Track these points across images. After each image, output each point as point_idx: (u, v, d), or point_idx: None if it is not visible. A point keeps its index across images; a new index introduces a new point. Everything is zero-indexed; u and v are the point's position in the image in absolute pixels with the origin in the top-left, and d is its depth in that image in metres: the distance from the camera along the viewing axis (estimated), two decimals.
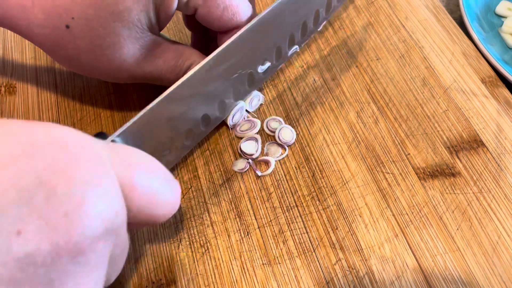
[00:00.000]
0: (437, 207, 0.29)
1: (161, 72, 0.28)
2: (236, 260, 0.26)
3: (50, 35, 0.25)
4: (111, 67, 0.27)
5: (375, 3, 0.40)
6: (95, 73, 0.28)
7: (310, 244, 0.27)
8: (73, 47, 0.25)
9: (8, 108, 0.32)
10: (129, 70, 0.27)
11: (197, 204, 0.28)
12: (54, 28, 0.24)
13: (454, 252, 0.27)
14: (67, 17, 0.24)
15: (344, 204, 0.28)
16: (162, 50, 0.28)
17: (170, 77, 0.28)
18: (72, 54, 0.26)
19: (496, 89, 0.34)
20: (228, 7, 0.27)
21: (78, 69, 0.28)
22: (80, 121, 0.32)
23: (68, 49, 0.25)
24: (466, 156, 0.31)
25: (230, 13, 0.27)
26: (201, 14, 0.27)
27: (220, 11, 0.27)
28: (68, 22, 0.24)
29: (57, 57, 0.27)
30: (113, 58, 0.26)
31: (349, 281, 0.26)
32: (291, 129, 0.31)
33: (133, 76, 0.28)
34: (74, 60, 0.26)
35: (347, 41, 0.37)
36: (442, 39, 0.37)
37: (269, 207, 0.28)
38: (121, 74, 0.27)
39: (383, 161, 0.30)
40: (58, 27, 0.24)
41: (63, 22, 0.24)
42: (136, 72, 0.27)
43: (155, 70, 0.28)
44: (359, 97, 0.33)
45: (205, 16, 0.27)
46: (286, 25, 0.31)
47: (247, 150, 0.30)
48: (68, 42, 0.25)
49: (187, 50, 0.29)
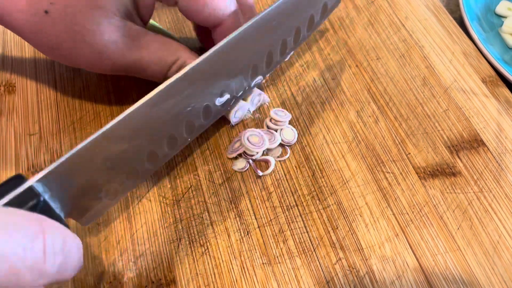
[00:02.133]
0: (438, 207, 0.28)
1: (145, 64, 0.28)
2: (236, 260, 0.26)
3: (30, 20, 0.25)
4: (93, 55, 0.26)
5: (375, 3, 0.40)
6: (77, 61, 0.28)
7: (310, 243, 0.27)
8: (53, 33, 0.26)
9: (7, 107, 0.32)
10: (111, 58, 0.27)
11: (197, 203, 0.28)
12: (34, 13, 0.25)
13: (455, 252, 0.27)
14: (46, 1, 0.25)
15: (344, 203, 0.28)
16: (147, 41, 0.27)
17: (155, 69, 0.28)
18: (52, 40, 0.26)
19: (496, 89, 0.34)
20: (208, 1, 0.27)
21: (61, 58, 0.28)
22: (79, 120, 0.32)
23: (50, 35, 0.26)
24: (466, 155, 0.31)
25: (210, 8, 0.27)
26: (182, 7, 0.27)
27: (201, 6, 0.27)
28: (47, 8, 0.25)
29: (39, 44, 0.27)
30: (93, 45, 0.26)
31: (349, 281, 0.26)
32: (293, 128, 0.31)
33: (117, 66, 0.28)
34: (55, 47, 0.26)
35: (347, 41, 0.37)
36: (442, 38, 0.37)
37: (269, 207, 0.28)
38: (103, 62, 0.27)
39: (384, 160, 0.30)
40: (38, 12, 0.25)
41: (42, 7, 0.25)
42: (118, 61, 0.27)
43: (138, 60, 0.27)
44: (359, 97, 0.33)
45: (185, 9, 0.27)
46: (250, 54, 0.29)
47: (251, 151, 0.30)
48: (48, 27, 0.25)
49: (174, 45, 0.28)
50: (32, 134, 0.31)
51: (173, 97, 0.25)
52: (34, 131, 0.31)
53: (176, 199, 0.28)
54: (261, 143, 0.29)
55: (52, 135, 0.31)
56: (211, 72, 0.26)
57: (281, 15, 0.28)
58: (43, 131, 0.31)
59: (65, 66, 0.34)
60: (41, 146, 0.30)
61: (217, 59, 0.26)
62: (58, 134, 0.31)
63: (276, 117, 0.30)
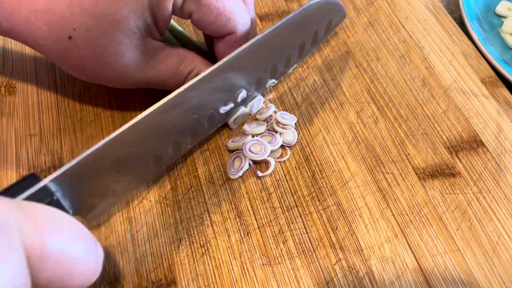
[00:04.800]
0: (437, 207, 0.29)
1: (164, 78, 0.29)
2: (236, 260, 0.26)
3: (54, 46, 0.26)
4: (115, 74, 0.27)
5: (375, 3, 0.40)
6: (101, 80, 0.29)
7: (310, 244, 0.27)
8: (77, 56, 0.26)
9: (8, 108, 0.32)
10: (133, 77, 0.28)
11: (197, 204, 0.28)
12: (58, 40, 0.25)
13: (454, 252, 0.27)
14: (69, 28, 0.25)
15: (344, 204, 0.28)
16: (164, 55, 0.28)
17: (172, 82, 0.29)
18: (76, 63, 0.27)
19: (496, 89, 0.34)
20: (221, 13, 0.27)
21: (84, 77, 0.29)
22: (80, 121, 0.32)
23: (73, 58, 0.26)
24: (466, 156, 0.31)
25: (223, 19, 0.27)
26: (195, 19, 0.27)
27: (214, 17, 0.27)
28: (70, 33, 0.25)
29: (63, 66, 0.28)
30: (116, 66, 0.27)
31: (349, 281, 0.26)
32: (294, 130, 0.31)
33: (138, 82, 0.28)
34: (79, 68, 0.27)
35: (347, 41, 0.37)
36: (442, 39, 0.37)
37: (269, 207, 0.28)
38: (125, 80, 0.28)
39: (383, 161, 0.30)
40: (61, 38, 0.25)
41: (65, 34, 0.25)
42: (140, 78, 0.28)
43: (158, 76, 0.28)
44: (359, 97, 0.33)
45: (199, 22, 0.28)
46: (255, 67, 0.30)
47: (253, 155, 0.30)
48: (72, 52, 0.26)
49: (189, 55, 0.29)
50: (32, 135, 0.31)
51: (181, 105, 0.26)
52: (35, 132, 0.31)
53: (176, 199, 0.28)
54: (264, 150, 0.29)
55: (52, 136, 0.31)
56: (218, 83, 0.27)
57: (287, 31, 0.30)
58: (44, 132, 0.31)
59: None
60: (41, 147, 0.30)
61: (224, 71, 0.27)
62: (59, 135, 0.31)
63: (284, 121, 0.31)
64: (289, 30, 0.30)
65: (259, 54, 0.29)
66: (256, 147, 0.29)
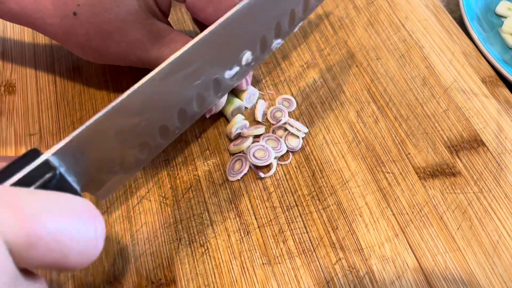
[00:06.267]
0: (438, 207, 0.29)
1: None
2: (236, 260, 0.26)
3: (61, 24, 0.27)
4: (120, 50, 0.28)
5: (375, 3, 0.40)
6: (105, 57, 0.29)
7: (310, 243, 0.27)
8: (83, 33, 0.27)
9: (7, 108, 0.32)
10: (136, 54, 0.28)
11: (197, 203, 0.28)
12: (64, 17, 0.27)
13: (455, 252, 0.27)
14: (73, 4, 0.26)
15: (344, 203, 0.28)
16: (170, 39, 0.29)
17: None
18: (83, 40, 0.28)
19: (496, 89, 0.34)
20: (212, 1, 0.28)
21: (90, 56, 0.30)
22: (79, 120, 0.32)
23: (79, 35, 0.27)
24: (466, 155, 0.31)
25: (212, 8, 0.28)
26: (189, 3, 0.29)
27: (205, 3, 0.28)
28: (75, 9, 0.26)
29: (71, 45, 0.29)
30: (120, 42, 0.28)
31: (349, 281, 0.26)
32: (299, 136, 0.31)
33: (141, 60, 0.29)
34: (85, 46, 0.28)
35: (347, 41, 0.37)
36: (442, 39, 0.37)
37: (269, 207, 0.28)
38: (129, 57, 0.29)
39: (383, 160, 0.30)
40: (67, 15, 0.27)
41: (70, 10, 0.26)
42: (142, 56, 0.29)
43: (160, 58, 0.29)
44: (359, 97, 0.33)
45: (191, 6, 0.29)
46: (256, 26, 0.28)
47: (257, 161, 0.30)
48: (78, 29, 0.27)
49: None
50: (32, 134, 0.31)
51: (182, 70, 0.24)
52: (34, 131, 0.31)
53: (176, 199, 0.28)
54: (268, 156, 0.29)
55: (52, 135, 0.31)
56: (218, 44, 0.26)
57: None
58: (43, 131, 0.31)
59: (66, 66, 0.34)
60: (41, 146, 0.30)
61: (223, 31, 0.25)
62: (58, 134, 0.31)
63: (298, 126, 0.31)
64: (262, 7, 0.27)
65: (260, 11, 0.27)
66: (260, 153, 0.29)
